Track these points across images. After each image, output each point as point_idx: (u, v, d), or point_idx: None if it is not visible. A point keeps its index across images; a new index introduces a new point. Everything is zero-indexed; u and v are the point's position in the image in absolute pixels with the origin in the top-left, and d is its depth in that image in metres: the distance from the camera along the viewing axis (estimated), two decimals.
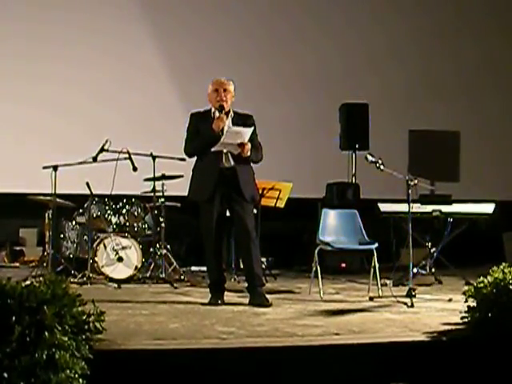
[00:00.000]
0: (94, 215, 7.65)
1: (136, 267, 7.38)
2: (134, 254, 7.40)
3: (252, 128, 5.80)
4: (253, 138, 5.84)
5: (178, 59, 9.41)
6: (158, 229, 7.63)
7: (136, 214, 7.79)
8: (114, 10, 9.29)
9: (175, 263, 7.67)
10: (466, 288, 4.72)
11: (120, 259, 7.34)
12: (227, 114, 5.89)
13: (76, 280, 7.10)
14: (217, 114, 5.87)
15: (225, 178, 5.82)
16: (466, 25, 10.18)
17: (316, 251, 6.44)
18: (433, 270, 7.56)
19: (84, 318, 3.81)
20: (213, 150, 5.76)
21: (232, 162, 5.83)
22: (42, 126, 8.96)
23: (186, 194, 6.05)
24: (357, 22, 9.96)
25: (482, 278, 4.61)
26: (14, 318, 3.46)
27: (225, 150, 5.80)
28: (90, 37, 9.14)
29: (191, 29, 9.42)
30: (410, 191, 6.11)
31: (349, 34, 9.91)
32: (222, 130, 5.79)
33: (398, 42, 10.02)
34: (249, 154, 5.80)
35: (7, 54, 8.98)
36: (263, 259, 7.65)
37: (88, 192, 7.44)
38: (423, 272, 7.50)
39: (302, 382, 4.03)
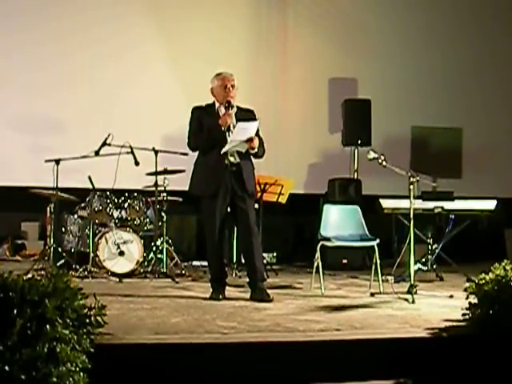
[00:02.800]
0: (96, 209, 7.65)
1: (137, 261, 7.38)
2: (135, 249, 7.40)
3: (258, 121, 5.80)
4: (257, 133, 5.85)
5: (180, 54, 9.40)
6: (160, 223, 7.64)
7: (138, 208, 7.79)
8: (117, 7, 9.29)
9: (177, 258, 7.69)
10: (468, 285, 4.72)
11: (121, 253, 7.34)
12: (231, 108, 5.89)
13: (77, 274, 7.11)
14: (222, 109, 5.88)
15: (229, 174, 5.82)
16: (470, 21, 10.17)
17: (318, 247, 6.44)
18: (434, 266, 7.55)
19: (85, 311, 3.81)
20: (222, 152, 5.74)
21: (237, 159, 5.83)
22: (45, 119, 8.96)
23: (187, 188, 6.05)
24: (360, 18, 9.94)
25: (483, 274, 4.61)
26: (15, 312, 3.46)
27: (233, 147, 5.75)
28: (93, 33, 9.13)
29: (194, 24, 9.41)
30: (411, 187, 6.11)
31: (352, 30, 9.90)
32: (229, 125, 5.79)
33: (400, 38, 10.00)
34: (256, 148, 5.80)
35: (12, 46, 8.97)
36: (265, 254, 7.66)
37: (90, 186, 7.45)
38: (424, 268, 7.49)
39: (302, 377, 4.03)
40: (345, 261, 8.55)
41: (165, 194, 7.69)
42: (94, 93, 9.06)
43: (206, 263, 6.81)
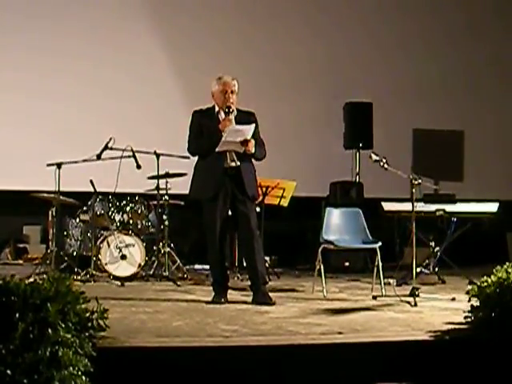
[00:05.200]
0: (98, 213, 7.66)
1: (139, 265, 7.38)
2: (137, 252, 7.40)
3: (254, 125, 5.80)
4: (255, 135, 5.83)
5: (181, 57, 9.41)
6: (162, 227, 7.65)
7: (139, 211, 7.80)
8: (120, 10, 9.30)
9: (178, 261, 7.68)
10: (470, 287, 4.72)
11: (123, 257, 7.34)
12: (231, 113, 5.88)
13: (79, 278, 7.11)
14: (222, 114, 5.87)
15: (229, 177, 5.81)
16: (472, 24, 10.16)
17: (319, 250, 6.44)
18: (436, 269, 7.56)
19: (87, 315, 3.82)
20: (217, 150, 5.75)
21: (237, 162, 5.83)
22: (46, 123, 8.97)
23: (188, 192, 6.05)
24: (363, 20, 9.94)
25: (485, 277, 4.61)
26: (17, 315, 3.46)
27: (229, 147, 5.77)
28: (97, 36, 9.15)
29: (196, 26, 9.42)
30: (413, 190, 6.11)
31: (355, 33, 9.89)
32: None
33: (403, 41, 10.00)
34: (253, 150, 5.80)
35: (16, 48, 8.99)
36: (266, 257, 7.66)
37: (92, 190, 7.45)
38: (427, 271, 7.49)
39: (304, 380, 4.03)
40: (347, 264, 8.55)
41: (166, 198, 7.69)
42: (96, 96, 9.06)
43: (207, 266, 6.80)
